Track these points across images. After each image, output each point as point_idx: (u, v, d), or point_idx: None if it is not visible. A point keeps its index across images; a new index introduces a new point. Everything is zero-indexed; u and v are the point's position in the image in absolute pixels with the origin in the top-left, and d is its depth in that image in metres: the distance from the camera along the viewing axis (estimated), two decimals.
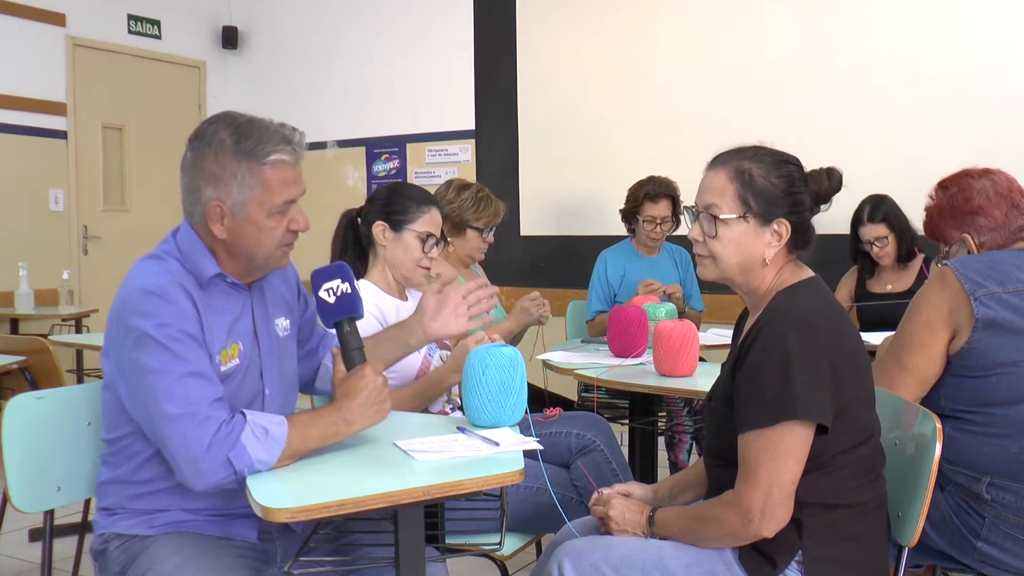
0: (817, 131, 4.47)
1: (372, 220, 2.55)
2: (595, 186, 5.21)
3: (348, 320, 1.78)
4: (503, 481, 1.55)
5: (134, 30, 6.16)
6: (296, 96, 6.37)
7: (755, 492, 1.58)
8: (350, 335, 1.77)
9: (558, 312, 3.84)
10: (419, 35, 5.90)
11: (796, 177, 1.74)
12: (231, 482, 1.59)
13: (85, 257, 5.87)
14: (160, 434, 1.61)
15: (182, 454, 1.58)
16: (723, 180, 1.73)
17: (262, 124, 1.74)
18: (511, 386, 1.83)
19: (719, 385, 1.80)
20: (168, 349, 1.61)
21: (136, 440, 1.73)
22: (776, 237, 1.72)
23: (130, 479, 1.76)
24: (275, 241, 1.76)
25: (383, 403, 1.72)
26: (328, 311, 1.79)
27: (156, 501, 1.75)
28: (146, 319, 1.62)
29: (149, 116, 6.20)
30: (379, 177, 6.06)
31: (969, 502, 1.95)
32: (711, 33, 4.88)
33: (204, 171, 1.72)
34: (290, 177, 1.74)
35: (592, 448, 2.61)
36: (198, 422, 1.58)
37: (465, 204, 3.26)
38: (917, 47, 4.35)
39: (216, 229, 1.73)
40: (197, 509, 1.75)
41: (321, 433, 1.67)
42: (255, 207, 1.71)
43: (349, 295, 1.79)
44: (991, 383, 1.93)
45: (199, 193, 1.73)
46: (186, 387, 1.61)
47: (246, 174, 1.70)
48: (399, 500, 1.47)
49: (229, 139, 1.70)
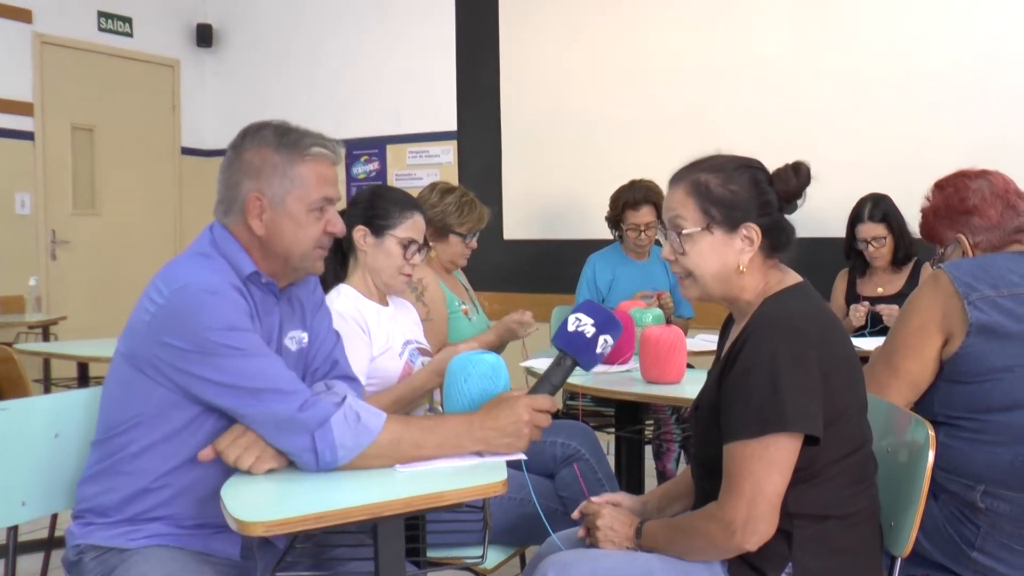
0: (808, 133, 4.50)
1: (353, 224, 2.54)
2: (580, 189, 5.22)
3: (572, 360, 1.79)
4: (486, 492, 1.55)
5: (104, 27, 6.13)
6: (273, 96, 6.36)
7: (738, 504, 1.58)
8: (560, 370, 1.79)
9: (542, 317, 3.84)
10: (400, 33, 5.90)
11: (758, 179, 1.75)
12: (311, 463, 1.62)
13: (53, 263, 5.83)
14: (246, 412, 1.64)
15: (273, 422, 1.62)
16: (682, 195, 1.76)
17: (302, 128, 1.84)
18: (493, 394, 1.82)
19: (706, 393, 1.81)
20: (238, 338, 1.65)
21: (134, 430, 1.73)
22: (747, 242, 1.73)
23: (120, 470, 1.75)
24: (312, 239, 1.80)
25: (520, 440, 1.71)
26: (570, 335, 1.79)
27: (142, 501, 1.74)
28: (211, 316, 1.64)
29: (120, 117, 6.17)
30: (359, 180, 6.04)
31: (963, 511, 1.95)
32: (699, 32, 4.90)
33: (245, 163, 1.78)
34: (330, 174, 1.82)
35: (577, 457, 2.60)
36: (282, 395, 1.63)
37: (449, 209, 3.25)
38: (911, 46, 4.37)
39: (254, 224, 1.77)
40: (180, 516, 1.74)
41: (440, 441, 1.68)
42: (295, 201, 1.77)
43: (591, 345, 1.77)
44: (985, 389, 1.94)
45: (238, 188, 1.78)
46: (262, 366, 1.65)
47: (287, 167, 1.77)
48: (379, 512, 1.47)
49: (272, 135, 1.79)
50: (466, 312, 3.26)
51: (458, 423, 1.70)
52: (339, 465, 1.63)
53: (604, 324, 1.79)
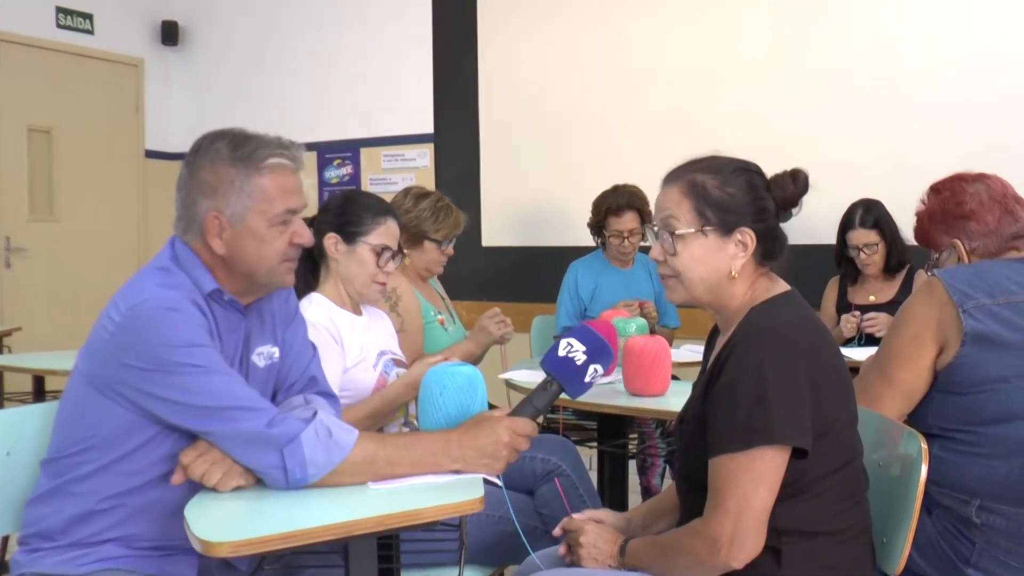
0: (798, 136, 4.51)
1: (324, 231, 2.53)
2: (562, 194, 5.22)
3: (559, 385, 1.79)
4: (462, 510, 1.55)
5: (63, 24, 6.09)
6: (242, 97, 6.34)
7: (724, 520, 1.59)
8: (545, 394, 1.79)
9: (522, 328, 3.84)
10: (374, 32, 5.89)
11: (756, 184, 1.76)
12: (280, 481, 1.61)
13: (8, 271, 5.78)
14: (212, 431, 1.64)
15: (239, 440, 1.62)
16: (677, 195, 1.76)
17: (258, 134, 1.80)
18: (470, 408, 1.83)
19: (691, 405, 1.81)
20: (199, 355, 1.65)
21: (89, 451, 1.72)
22: (741, 248, 1.74)
23: (70, 491, 1.73)
24: (277, 254, 1.79)
25: (498, 462, 1.72)
26: (559, 360, 1.79)
27: (91, 523, 1.72)
28: (170, 333, 1.64)
29: (80, 118, 6.13)
30: (331, 184, 6.03)
31: (958, 526, 1.96)
32: (684, 32, 4.92)
33: (200, 183, 1.76)
34: (290, 184, 1.79)
35: (558, 473, 2.60)
36: (248, 412, 1.63)
37: (424, 214, 3.25)
38: (903, 45, 4.40)
39: (215, 244, 1.76)
40: (133, 538, 1.73)
41: (415, 459, 1.68)
42: (255, 216, 1.75)
43: (580, 373, 1.78)
44: (980, 400, 1.95)
45: (195, 207, 1.76)
46: (225, 384, 1.65)
47: (244, 181, 1.74)
48: (351, 531, 1.46)
49: (225, 148, 1.76)
50: (442, 322, 3.26)
51: (435, 441, 1.71)
52: (309, 483, 1.62)
53: (596, 352, 1.79)
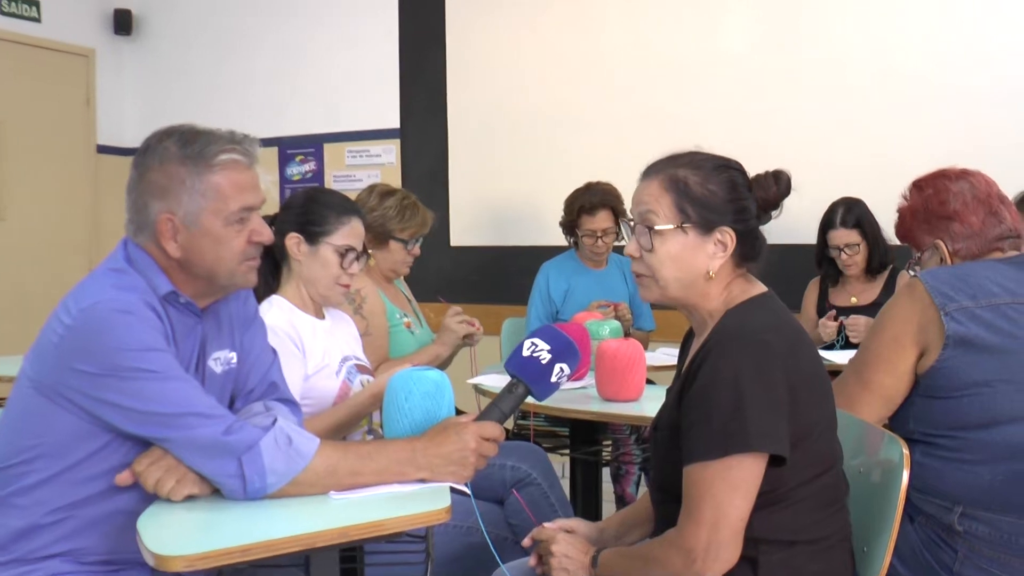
0: (778, 133, 4.55)
1: (286, 231, 2.52)
2: (533, 192, 5.23)
3: (524, 387, 1.78)
4: (428, 520, 1.55)
5: (8, 11, 6.00)
6: (199, 90, 6.30)
7: (699, 530, 1.59)
8: (511, 397, 1.78)
9: (492, 331, 3.84)
10: (339, 23, 5.87)
11: (738, 183, 1.76)
12: (238, 491, 1.60)
13: None
14: (166, 438, 1.63)
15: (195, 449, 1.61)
16: (657, 190, 1.76)
17: (209, 130, 1.78)
18: (437, 414, 1.82)
19: (665, 412, 1.82)
20: (154, 360, 1.64)
21: (35, 461, 1.70)
22: (720, 247, 1.74)
23: (13, 503, 1.72)
24: (236, 254, 1.77)
25: (465, 469, 1.71)
26: (523, 360, 1.78)
27: (36, 537, 1.70)
28: (123, 337, 1.63)
29: (28, 111, 6.05)
30: (293, 181, 6.01)
31: (940, 534, 1.98)
32: (662, 26, 4.94)
33: (150, 184, 1.74)
34: (245, 180, 1.78)
35: (528, 481, 2.61)
36: (204, 419, 1.61)
37: (389, 213, 3.25)
38: (886, 44, 4.44)
39: (170, 247, 1.74)
40: (82, 552, 1.71)
41: (380, 468, 1.67)
42: (210, 216, 1.74)
43: (545, 373, 1.77)
44: (963, 404, 1.96)
45: (147, 210, 1.74)
46: (181, 389, 1.64)
47: (196, 180, 1.73)
48: (313, 543, 1.46)
49: (174, 146, 1.74)
50: (408, 325, 3.25)
51: (400, 449, 1.70)
52: (269, 493, 1.61)
53: (561, 352, 1.79)
